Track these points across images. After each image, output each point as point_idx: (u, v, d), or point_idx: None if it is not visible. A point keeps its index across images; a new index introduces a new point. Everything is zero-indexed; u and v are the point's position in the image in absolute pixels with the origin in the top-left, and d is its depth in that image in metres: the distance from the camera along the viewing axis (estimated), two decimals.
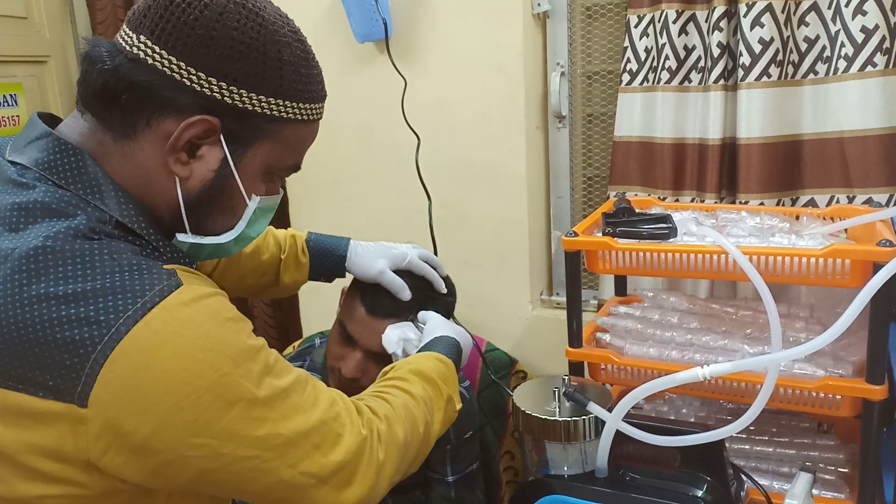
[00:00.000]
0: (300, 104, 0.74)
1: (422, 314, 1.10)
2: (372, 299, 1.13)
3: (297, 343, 1.56)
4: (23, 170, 0.69)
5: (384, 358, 1.08)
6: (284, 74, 0.72)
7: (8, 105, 1.94)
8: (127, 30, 0.70)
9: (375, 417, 0.80)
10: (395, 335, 1.07)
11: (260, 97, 0.71)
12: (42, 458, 0.62)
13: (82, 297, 0.62)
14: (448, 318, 1.14)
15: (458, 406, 0.94)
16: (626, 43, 1.44)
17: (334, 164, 1.79)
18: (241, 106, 0.70)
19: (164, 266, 0.68)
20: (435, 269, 1.17)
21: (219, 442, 0.65)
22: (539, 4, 1.57)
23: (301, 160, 0.81)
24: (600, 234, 1.13)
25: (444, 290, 1.18)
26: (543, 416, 0.93)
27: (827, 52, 1.27)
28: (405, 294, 1.12)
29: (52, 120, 0.75)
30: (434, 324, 1.06)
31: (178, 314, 0.64)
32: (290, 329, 2.02)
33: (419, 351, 1.00)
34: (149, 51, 0.68)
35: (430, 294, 1.16)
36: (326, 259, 1.16)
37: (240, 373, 0.66)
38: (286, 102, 0.73)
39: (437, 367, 0.93)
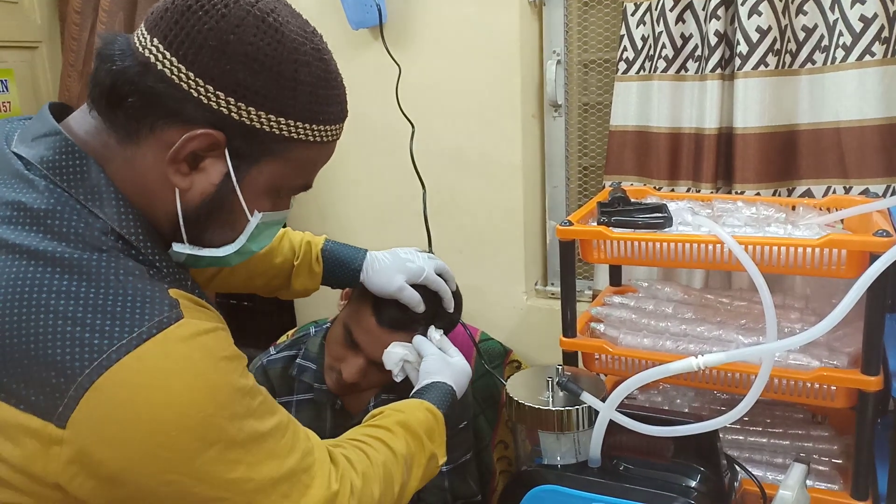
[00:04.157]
0: (313, 125, 0.71)
1: (421, 345, 1.09)
2: (383, 311, 1.12)
3: (291, 332, 1.55)
4: (28, 165, 0.67)
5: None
6: (299, 94, 0.68)
7: None
8: (143, 29, 0.68)
9: (352, 471, 0.79)
10: (397, 355, 1.07)
11: (269, 116, 0.67)
12: (10, 471, 0.61)
13: (81, 315, 0.60)
14: (451, 330, 1.14)
15: (442, 461, 0.93)
16: (623, 31, 1.43)
17: None
18: (248, 123, 0.67)
19: (170, 291, 0.66)
20: (446, 282, 1.16)
21: (191, 481, 0.64)
22: None
23: (311, 180, 0.78)
24: (595, 224, 1.13)
25: (452, 309, 1.17)
26: (537, 406, 0.92)
27: (825, 42, 1.25)
28: (421, 308, 1.12)
29: (62, 110, 0.73)
30: (430, 366, 1.04)
31: (172, 350, 0.62)
32: (284, 317, 2.02)
33: (413, 392, 0.99)
34: (160, 56, 0.65)
35: (439, 310, 1.15)
36: (341, 270, 1.14)
37: (223, 415, 0.64)
38: (297, 123, 0.69)
39: (425, 420, 0.92)
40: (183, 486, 0.63)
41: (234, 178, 0.69)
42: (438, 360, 1.05)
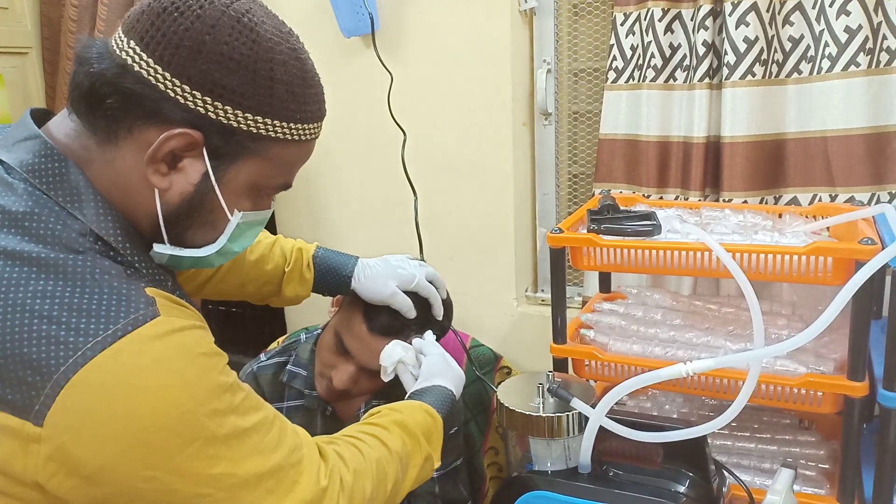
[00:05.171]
0: (291, 124, 0.71)
1: (421, 345, 1.09)
2: (374, 317, 1.13)
3: (281, 339, 1.55)
4: (8, 169, 0.68)
5: (377, 372, 1.08)
6: (276, 93, 0.69)
7: None
8: (120, 32, 0.68)
9: (343, 466, 0.78)
10: (396, 354, 1.06)
11: (246, 115, 0.68)
12: None
13: (57, 314, 0.61)
14: (442, 336, 1.14)
15: (437, 465, 0.93)
16: (613, 40, 1.44)
17: (319, 159, 1.78)
18: (225, 122, 0.68)
19: (147, 290, 0.66)
20: (437, 289, 1.17)
21: (172, 477, 0.64)
22: (526, 1, 1.57)
23: (291, 179, 0.78)
24: (585, 231, 1.13)
25: (442, 315, 1.17)
26: (527, 412, 0.93)
27: (811, 52, 1.27)
28: (412, 314, 1.12)
29: (44, 116, 0.74)
30: (432, 366, 1.04)
31: (147, 347, 0.63)
32: (275, 323, 2.01)
33: (412, 393, 0.99)
34: (136, 57, 0.66)
35: (429, 316, 1.16)
36: (332, 277, 1.14)
37: (202, 411, 0.64)
38: (274, 122, 0.70)
39: (423, 421, 0.92)
40: (163, 483, 0.63)
41: (212, 178, 0.70)
42: (441, 361, 1.05)
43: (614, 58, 1.45)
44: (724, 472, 0.95)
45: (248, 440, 0.69)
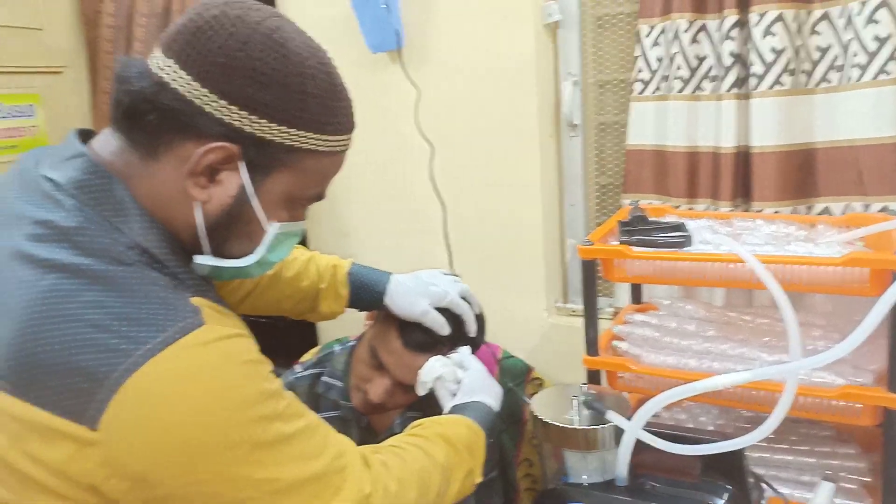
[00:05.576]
0: (322, 136, 0.73)
1: (462, 359, 1.10)
2: (409, 333, 1.14)
3: (315, 350, 1.56)
4: (57, 186, 0.70)
5: (413, 386, 1.09)
6: (307, 106, 0.71)
7: (25, 115, 1.96)
8: (158, 51, 0.71)
9: (387, 475, 0.79)
10: (435, 371, 1.07)
11: (280, 127, 0.70)
12: (49, 475, 0.62)
13: (108, 323, 0.63)
14: (475, 351, 1.15)
15: (478, 480, 0.94)
16: (638, 52, 1.45)
17: (347, 172, 1.80)
18: (260, 135, 0.70)
19: (192, 299, 0.69)
20: (470, 305, 1.18)
21: (219, 481, 0.65)
22: (550, 15, 1.58)
23: (324, 190, 0.80)
24: (616, 243, 1.14)
25: (475, 332, 1.18)
26: (563, 425, 0.93)
27: (840, 61, 1.27)
28: (446, 331, 1.13)
29: (87, 135, 0.77)
30: (473, 382, 1.05)
31: (194, 354, 0.65)
32: (306, 335, 2.03)
33: (453, 407, 1.00)
34: (174, 75, 0.68)
35: (462, 332, 1.17)
36: (365, 294, 1.16)
37: (248, 416, 0.66)
38: (307, 134, 0.72)
39: (466, 435, 0.93)
40: (209, 486, 0.65)
41: (250, 189, 0.72)
42: (482, 377, 1.06)
43: (640, 69, 1.45)
44: (763, 484, 0.95)
45: (292, 446, 0.70)
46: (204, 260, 0.75)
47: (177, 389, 0.63)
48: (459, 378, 1.07)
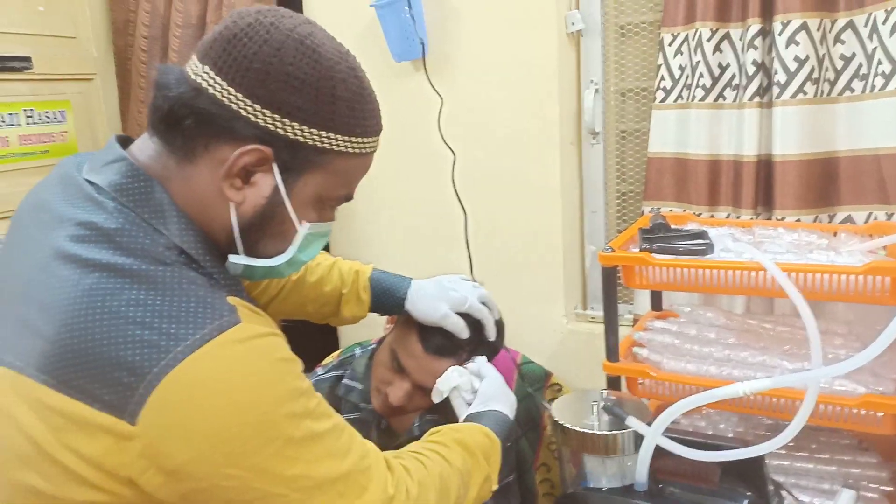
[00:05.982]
0: (352, 138, 0.76)
1: (479, 367, 1.11)
2: (429, 337, 1.15)
3: (336, 353, 1.59)
4: (99, 189, 0.73)
5: (432, 390, 1.11)
6: (337, 109, 0.74)
7: (57, 121, 2.01)
8: (195, 59, 0.74)
9: (408, 478, 0.81)
10: (452, 381, 1.08)
11: (311, 130, 0.73)
12: (88, 467, 0.65)
13: (149, 320, 0.65)
14: (494, 356, 1.16)
15: (495, 487, 0.95)
16: (660, 61, 1.46)
17: (371, 179, 1.83)
18: (292, 137, 0.72)
19: (228, 298, 0.71)
20: (490, 310, 1.19)
21: (251, 475, 0.67)
22: (573, 24, 1.59)
23: (352, 191, 0.83)
24: (637, 250, 1.15)
25: (494, 338, 1.19)
26: (583, 430, 0.94)
27: (863, 70, 1.27)
28: (465, 334, 1.14)
29: (126, 140, 0.80)
30: (490, 389, 1.06)
31: (230, 351, 0.67)
32: (327, 338, 2.06)
33: (470, 415, 1.02)
34: (211, 80, 0.71)
35: (482, 337, 1.18)
36: (387, 299, 1.18)
37: (281, 412, 0.68)
38: (337, 136, 0.75)
39: (482, 442, 0.94)
40: (242, 481, 0.67)
41: (282, 190, 0.75)
42: (499, 386, 1.07)
43: (662, 78, 1.46)
44: (783, 492, 0.95)
45: (322, 444, 0.72)
46: (238, 259, 0.78)
47: (214, 385, 0.65)
48: (476, 387, 1.08)
